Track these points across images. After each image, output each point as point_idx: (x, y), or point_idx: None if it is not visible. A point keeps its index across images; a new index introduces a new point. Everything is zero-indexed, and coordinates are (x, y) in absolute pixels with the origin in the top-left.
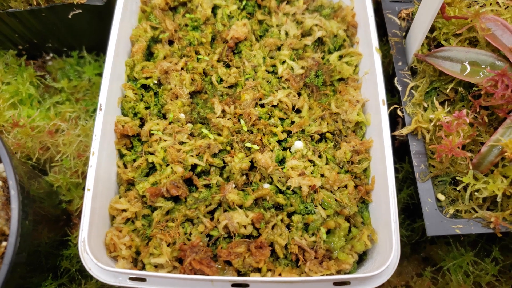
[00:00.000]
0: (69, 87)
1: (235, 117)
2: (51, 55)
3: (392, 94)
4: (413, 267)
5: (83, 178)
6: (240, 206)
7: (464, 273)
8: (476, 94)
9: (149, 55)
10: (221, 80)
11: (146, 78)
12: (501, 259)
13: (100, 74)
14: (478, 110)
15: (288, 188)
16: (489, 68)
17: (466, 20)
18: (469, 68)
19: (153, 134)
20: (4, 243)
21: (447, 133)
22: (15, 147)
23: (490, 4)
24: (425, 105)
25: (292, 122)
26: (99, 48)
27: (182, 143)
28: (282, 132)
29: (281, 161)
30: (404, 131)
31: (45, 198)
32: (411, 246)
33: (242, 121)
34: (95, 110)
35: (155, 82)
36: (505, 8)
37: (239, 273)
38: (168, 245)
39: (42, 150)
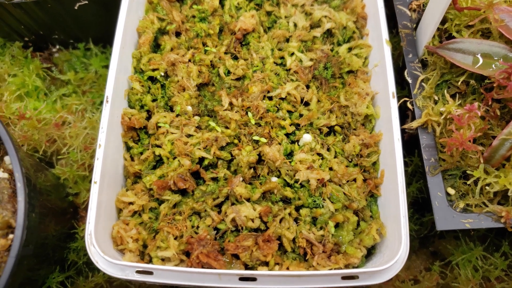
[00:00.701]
0: (76, 79)
1: (242, 109)
2: (57, 47)
3: (402, 87)
4: (422, 261)
5: (90, 170)
6: (248, 200)
7: (473, 267)
8: (488, 86)
9: (156, 46)
10: (229, 72)
11: (153, 70)
12: (510, 253)
13: (107, 66)
14: (490, 103)
15: (296, 181)
16: (502, 60)
17: (479, 11)
18: (481, 60)
19: (160, 127)
20: (11, 236)
21: (458, 126)
22: (21, 140)
23: None
24: (436, 98)
25: (301, 115)
26: (105, 40)
27: (189, 135)
28: (290, 125)
29: (289, 154)
30: (414, 124)
31: (52, 191)
32: (419, 240)
33: (249, 114)
34: (101, 102)
35: (162, 74)
36: None
37: (247, 267)
38: (175, 238)
39: (49, 143)
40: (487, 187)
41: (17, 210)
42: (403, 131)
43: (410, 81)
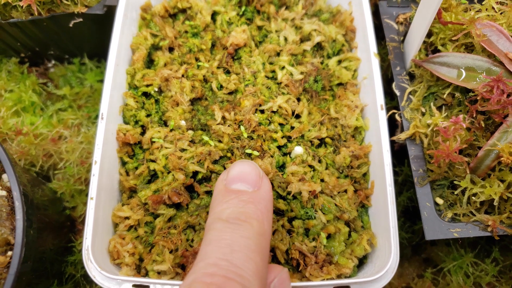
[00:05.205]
0: (71, 94)
1: (235, 123)
2: (53, 62)
3: (391, 98)
4: (414, 268)
5: (86, 184)
6: None
7: (464, 274)
8: (473, 99)
9: (149, 62)
10: (221, 86)
11: (147, 86)
12: (501, 259)
13: (101, 81)
14: (474, 115)
15: (289, 193)
16: (485, 73)
17: (462, 26)
18: (464, 74)
19: (154, 142)
20: (9, 253)
21: (444, 138)
22: (19, 155)
23: (486, 9)
24: (423, 110)
25: (292, 128)
26: (100, 55)
27: (183, 150)
28: (282, 137)
29: (281, 167)
30: (402, 136)
31: (49, 205)
32: (411, 247)
33: (242, 128)
34: (97, 116)
35: (156, 89)
36: (501, 13)
37: None
38: (170, 252)
39: (46, 157)
40: (473, 197)
41: (15, 227)
42: (393, 141)
43: (398, 93)
